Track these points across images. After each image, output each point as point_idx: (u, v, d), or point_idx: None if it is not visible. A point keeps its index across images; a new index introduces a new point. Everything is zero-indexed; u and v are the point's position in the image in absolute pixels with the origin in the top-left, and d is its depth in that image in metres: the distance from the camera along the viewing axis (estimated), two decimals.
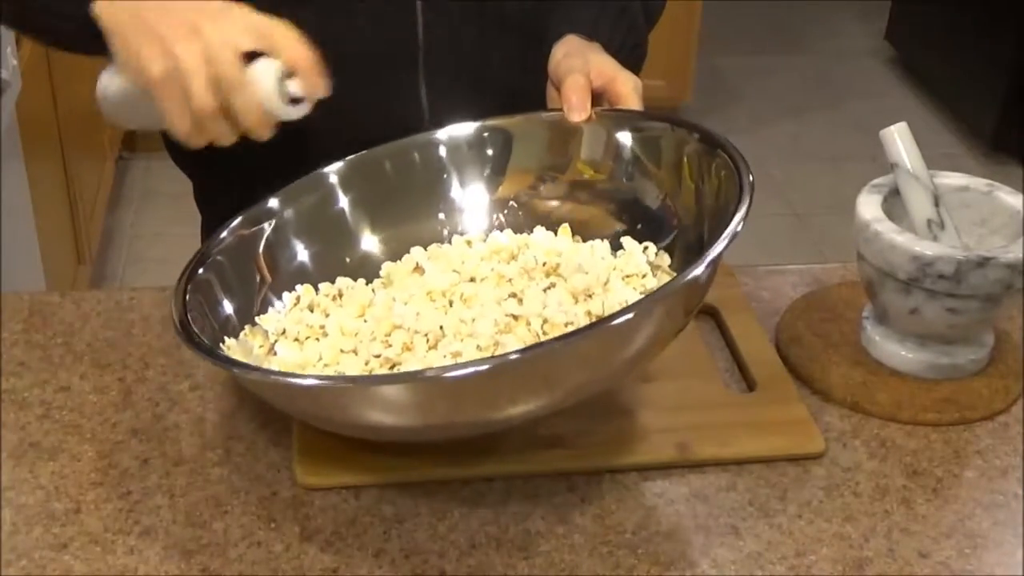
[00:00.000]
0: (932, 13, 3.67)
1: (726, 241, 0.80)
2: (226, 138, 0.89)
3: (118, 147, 3.02)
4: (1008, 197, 1.01)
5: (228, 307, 0.93)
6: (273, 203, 0.99)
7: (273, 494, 0.87)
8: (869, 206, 0.98)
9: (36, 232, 2.06)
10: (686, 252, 0.93)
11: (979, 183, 1.02)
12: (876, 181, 1.02)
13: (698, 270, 0.78)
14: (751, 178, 0.86)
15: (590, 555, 0.82)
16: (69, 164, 2.36)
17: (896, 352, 1.00)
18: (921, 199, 0.99)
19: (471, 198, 1.04)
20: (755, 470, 0.90)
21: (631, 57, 1.08)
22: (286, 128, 1.05)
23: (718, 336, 1.05)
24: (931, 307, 0.95)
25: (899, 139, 0.99)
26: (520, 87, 1.12)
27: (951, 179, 1.02)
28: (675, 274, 0.92)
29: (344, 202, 1.02)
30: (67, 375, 0.98)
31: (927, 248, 0.93)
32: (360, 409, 0.81)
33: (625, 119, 0.99)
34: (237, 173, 1.13)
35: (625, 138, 0.99)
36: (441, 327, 0.88)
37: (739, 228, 0.81)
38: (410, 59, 1.10)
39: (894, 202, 1.00)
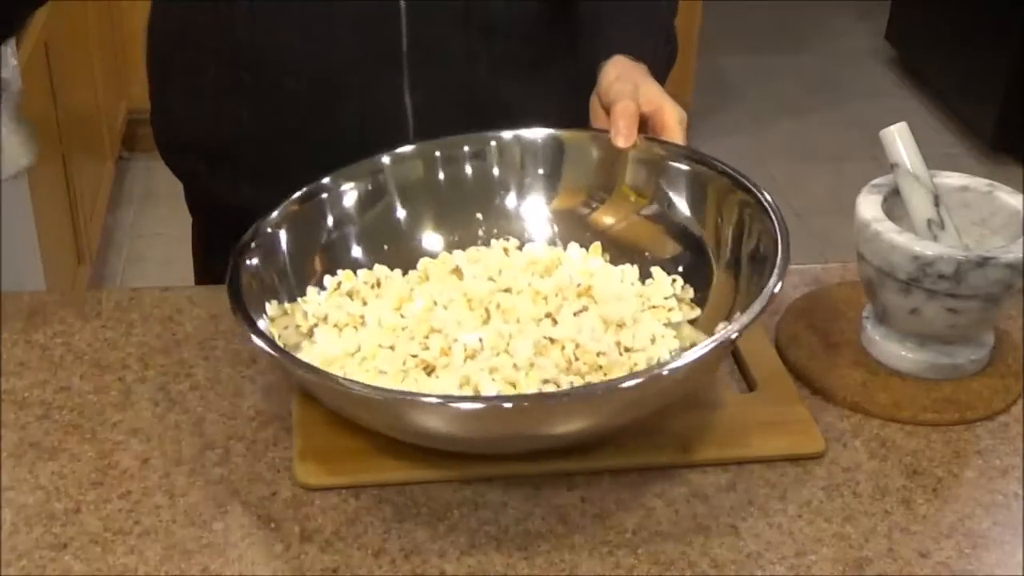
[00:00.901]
0: (932, 13, 3.67)
1: (761, 306, 0.84)
2: None
3: (118, 147, 3.02)
4: (1008, 197, 1.01)
5: (276, 279, 0.96)
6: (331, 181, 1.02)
7: (273, 494, 0.87)
8: (869, 206, 0.98)
9: (36, 232, 2.06)
10: (718, 294, 0.96)
11: (979, 183, 1.02)
12: (876, 181, 1.02)
13: (732, 333, 0.83)
14: (788, 251, 0.90)
15: (590, 555, 0.82)
16: (69, 164, 2.36)
17: (896, 352, 1.00)
18: (921, 199, 0.99)
19: (520, 207, 1.06)
20: (755, 470, 0.90)
21: (668, 63, 1.09)
22: (274, 133, 1.05)
23: None
24: (931, 307, 0.95)
25: (899, 139, 0.99)
26: (506, 92, 1.12)
27: (951, 179, 1.02)
28: (697, 309, 0.96)
29: (398, 193, 1.05)
30: (67, 375, 0.98)
31: (927, 248, 0.93)
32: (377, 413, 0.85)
33: (671, 156, 1.01)
34: (227, 177, 1.13)
35: (670, 171, 1.02)
36: (480, 340, 0.91)
37: (776, 290, 0.85)
38: (395, 64, 1.09)
39: (894, 202, 1.00)
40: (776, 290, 0.85)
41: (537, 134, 1.06)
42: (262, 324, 0.90)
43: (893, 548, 0.84)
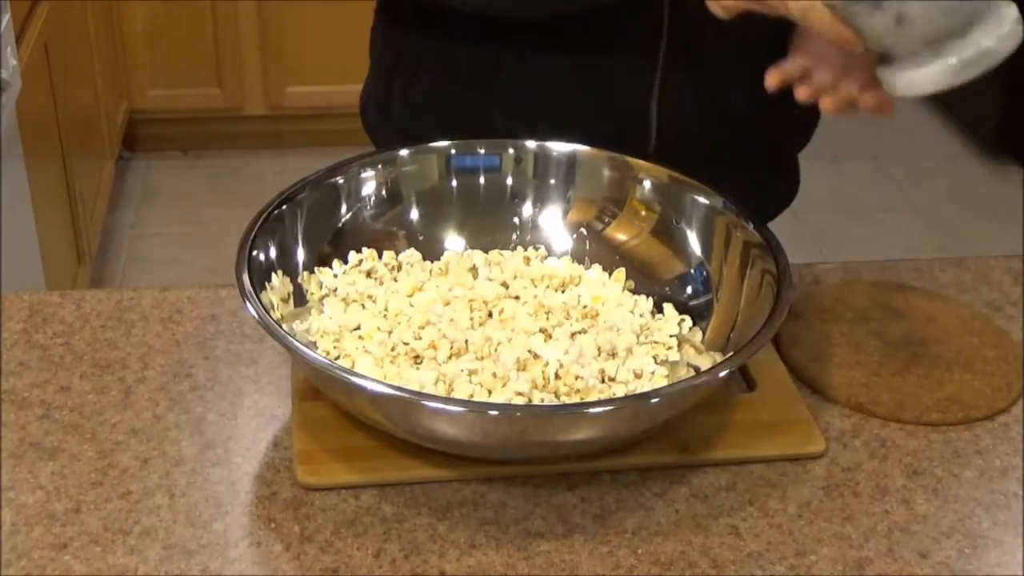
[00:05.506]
0: None
1: (744, 357, 0.86)
2: None
3: (118, 147, 3.02)
4: None
5: (300, 248, 0.99)
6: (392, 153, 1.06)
7: (273, 494, 0.87)
8: None
9: (36, 232, 2.06)
10: (717, 327, 0.97)
11: None
12: None
13: (703, 378, 0.86)
14: (789, 294, 0.91)
15: (590, 555, 0.82)
16: (69, 164, 2.36)
17: (921, 76, 0.87)
18: None
19: (542, 216, 1.07)
20: (755, 470, 0.90)
21: None
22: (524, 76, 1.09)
23: None
24: (913, 5, 0.83)
25: None
26: (741, 100, 1.12)
27: None
28: (703, 350, 0.96)
29: (415, 194, 1.07)
30: (67, 375, 0.98)
31: None
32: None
33: (688, 190, 1.03)
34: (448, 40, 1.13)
35: (683, 201, 1.04)
36: (466, 341, 0.92)
37: (764, 342, 0.86)
38: (647, 74, 1.10)
39: None
40: (766, 341, 0.86)
41: (552, 147, 1.07)
42: (265, 296, 0.91)
43: (893, 548, 0.84)
